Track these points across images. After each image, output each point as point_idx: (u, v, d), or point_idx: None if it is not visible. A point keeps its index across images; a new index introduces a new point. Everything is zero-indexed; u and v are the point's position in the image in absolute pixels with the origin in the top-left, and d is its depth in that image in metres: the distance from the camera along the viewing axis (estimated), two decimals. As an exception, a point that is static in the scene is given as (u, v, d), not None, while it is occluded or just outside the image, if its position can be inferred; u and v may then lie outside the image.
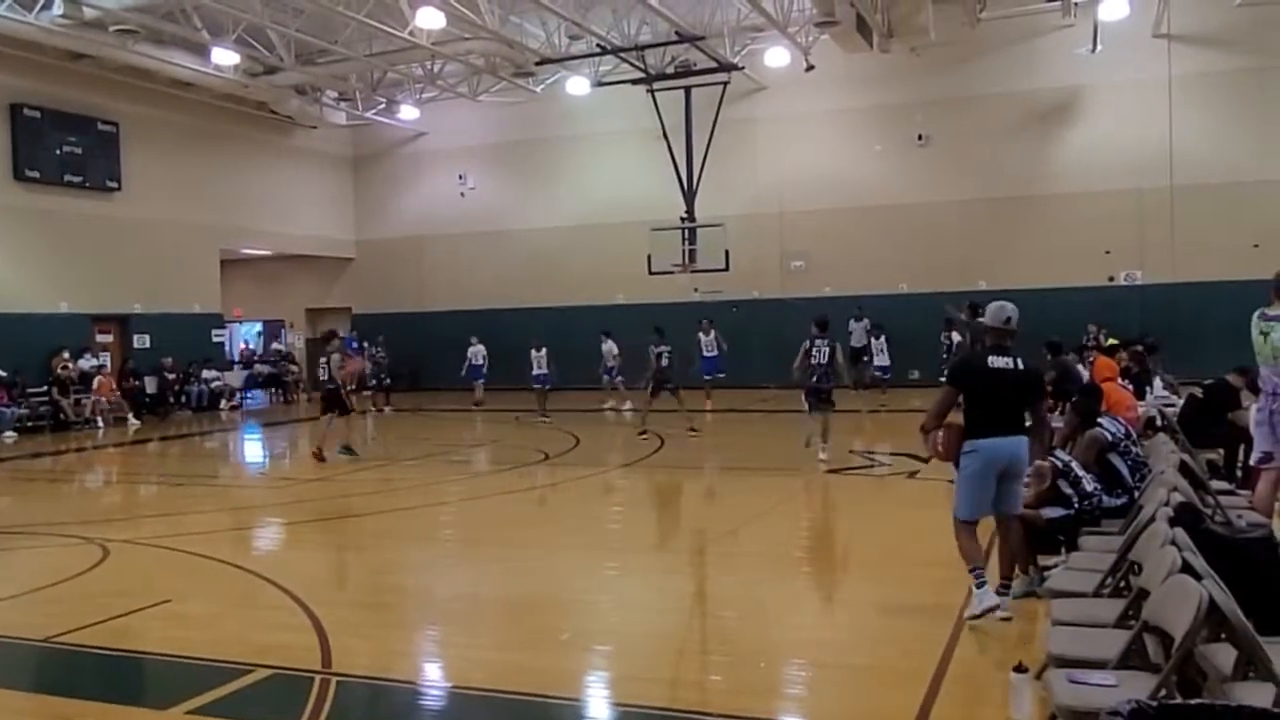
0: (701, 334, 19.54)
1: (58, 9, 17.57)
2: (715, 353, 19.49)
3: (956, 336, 18.28)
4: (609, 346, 20.72)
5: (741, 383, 22.05)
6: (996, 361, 5.79)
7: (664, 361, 15.82)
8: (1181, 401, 10.63)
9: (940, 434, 5.81)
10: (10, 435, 18.21)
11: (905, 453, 12.69)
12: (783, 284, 23.86)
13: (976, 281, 21.45)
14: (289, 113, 24.81)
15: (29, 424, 18.98)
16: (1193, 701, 2.47)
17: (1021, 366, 5.79)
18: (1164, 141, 20.90)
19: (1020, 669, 4.11)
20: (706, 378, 19.47)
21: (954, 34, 20.41)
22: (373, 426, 20.14)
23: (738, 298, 22.72)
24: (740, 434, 16.90)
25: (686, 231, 21.16)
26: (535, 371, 19.15)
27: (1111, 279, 21.46)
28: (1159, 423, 9.35)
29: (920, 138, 22.75)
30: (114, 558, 8.24)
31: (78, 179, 20.79)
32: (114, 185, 21.54)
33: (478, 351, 21.53)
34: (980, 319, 7.73)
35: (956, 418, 5.87)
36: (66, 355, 20.09)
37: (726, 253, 20.67)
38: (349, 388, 14.58)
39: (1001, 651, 5.35)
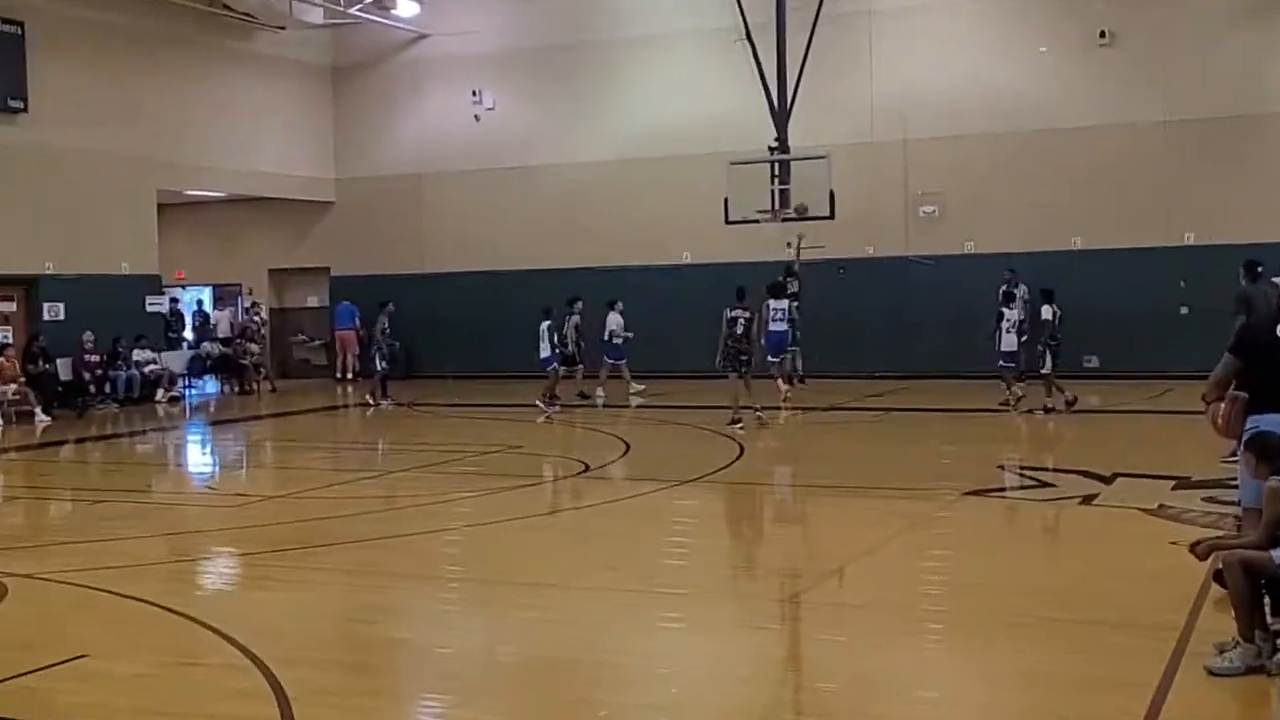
0: (772, 300, 19.10)
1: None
2: (785, 324, 19.12)
3: (1018, 314, 18.06)
4: (614, 318, 21.40)
5: (851, 371, 21.86)
6: None
7: (738, 329, 16.90)
8: None
9: (1221, 406, 6.51)
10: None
11: (1079, 469, 12.47)
12: (908, 238, 23.66)
13: (1182, 235, 21.09)
14: (248, 10, 25.13)
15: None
16: None
17: None
18: None
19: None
20: (773, 359, 19.14)
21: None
22: (360, 427, 20.35)
23: (845, 256, 22.51)
24: (846, 439, 16.78)
25: (777, 166, 21.02)
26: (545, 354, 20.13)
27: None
28: None
29: (1103, 35, 22.28)
30: (14, 598, 8.39)
31: (-31, 96, 21.25)
32: (18, 104, 21.89)
33: (616, 321, 21.70)
34: (1259, 281, 9.28)
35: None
36: (-46, 331, 20.60)
37: (831, 194, 20.47)
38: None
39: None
